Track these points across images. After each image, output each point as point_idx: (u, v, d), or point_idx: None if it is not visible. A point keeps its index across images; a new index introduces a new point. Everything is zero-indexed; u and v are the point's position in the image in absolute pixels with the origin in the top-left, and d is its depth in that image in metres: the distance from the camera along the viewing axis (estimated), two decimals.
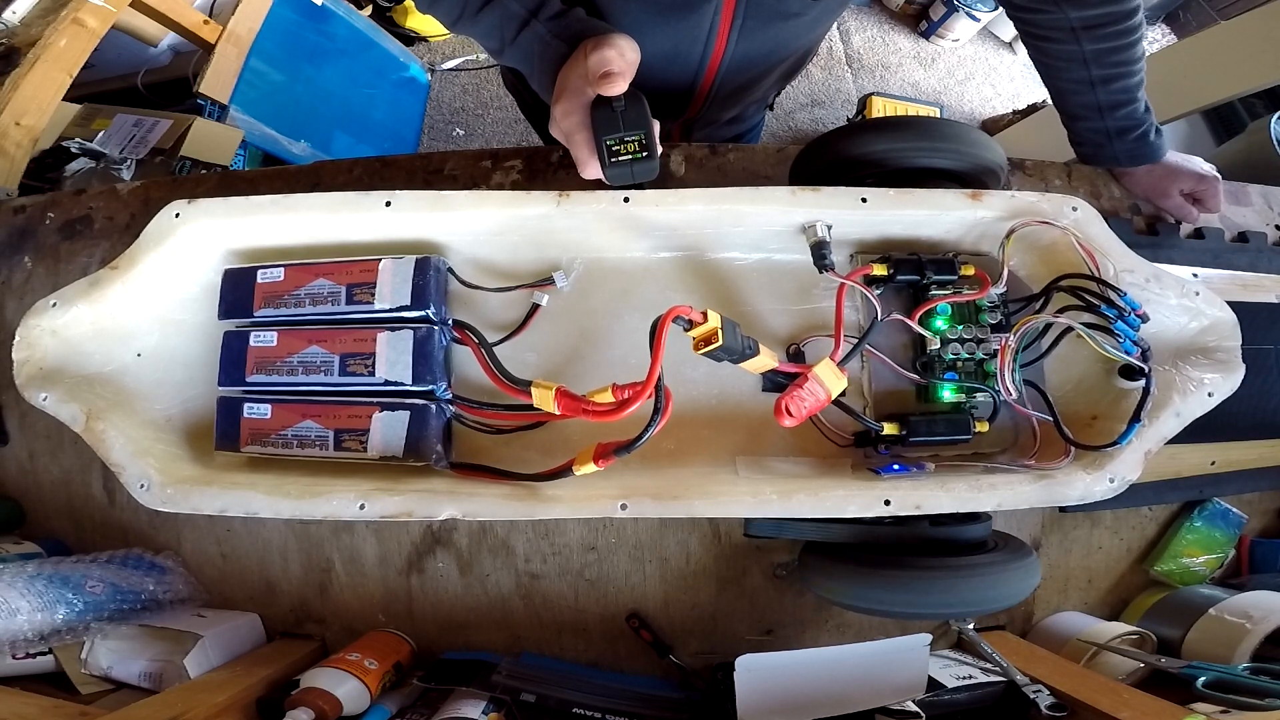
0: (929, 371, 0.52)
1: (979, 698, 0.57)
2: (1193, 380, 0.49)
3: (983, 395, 0.52)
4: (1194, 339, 0.51)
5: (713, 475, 0.52)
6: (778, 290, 0.57)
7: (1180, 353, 0.51)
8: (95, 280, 0.51)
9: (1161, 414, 0.48)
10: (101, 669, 0.58)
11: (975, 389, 0.51)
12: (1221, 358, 0.50)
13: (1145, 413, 0.46)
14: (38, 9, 1.01)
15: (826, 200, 0.50)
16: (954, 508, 0.46)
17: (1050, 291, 0.51)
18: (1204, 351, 0.50)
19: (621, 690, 0.60)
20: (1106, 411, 0.52)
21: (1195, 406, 0.48)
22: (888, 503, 0.45)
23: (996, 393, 0.51)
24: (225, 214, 0.52)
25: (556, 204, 0.50)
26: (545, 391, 0.45)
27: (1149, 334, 0.49)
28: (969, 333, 0.52)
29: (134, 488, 0.48)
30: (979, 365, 0.52)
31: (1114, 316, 0.48)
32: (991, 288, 0.51)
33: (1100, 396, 0.53)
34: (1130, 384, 0.51)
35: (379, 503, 0.47)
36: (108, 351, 0.53)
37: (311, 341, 0.52)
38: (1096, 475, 0.47)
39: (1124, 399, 0.51)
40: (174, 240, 0.52)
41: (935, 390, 0.52)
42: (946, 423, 0.50)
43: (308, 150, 1.48)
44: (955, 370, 0.52)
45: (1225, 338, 0.50)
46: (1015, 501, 0.46)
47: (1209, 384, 0.48)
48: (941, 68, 2.12)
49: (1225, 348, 0.50)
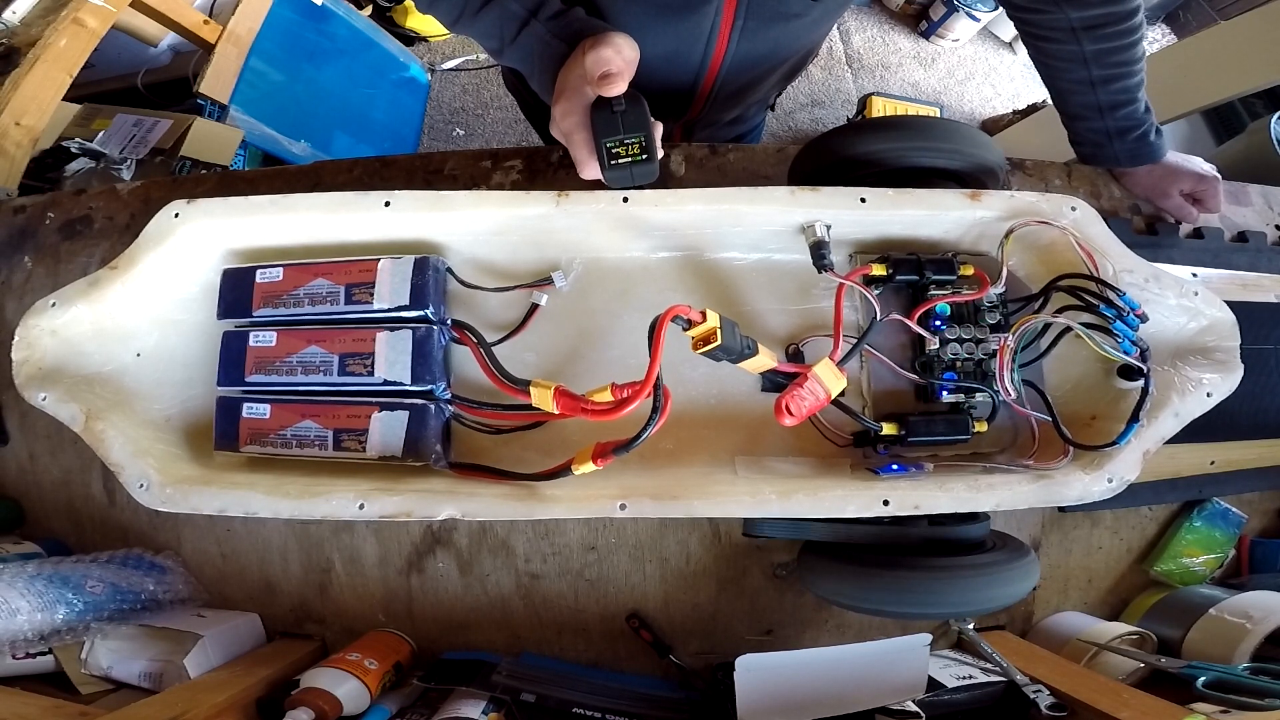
0: (928, 371, 0.52)
1: (979, 698, 0.57)
2: (1191, 380, 0.49)
3: (982, 395, 0.52)
4: (1193, 339, 0.51)
5: (712, 475, 0.52)
6: (777, 290, 0.57)
7: (1179, 352, 0.51)
8: (95, 280, 0.51)
9: (1160, 414, 0.48)
10: (101, 669, 0.58)
11: (974, 389, 0.51)
12: (1220, 358, 0.50)
13: (1144, 413, 0.46)
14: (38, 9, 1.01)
15: (826, 200, 0.50)
16: (952, 508, 0.46)
17: (1049, 291, 0.51)
18: (1203, 351, 0.50)
19: (621, 690, 0.60)
20: (1105, 411, 0.52)
21: (1194, 407, 0.48)
22: (886, 503, 0.45)
23: (996, 393, 0.51)
24: (225, 214, 0.52)
25: (556, 204, 0.50)
26: (544, 391, 0.45)
27: (1148, 334, 0.49)
28: (968, 333, 0.52)
29: (133, 487, 0.48)
30: (978, 365, 0.52)
31: (1112, 316, 0.47)
32: (990, 288, 0.51)
33: (1099, 396, 0.53)
34: (1129, 384, 0.51)
35: (378, 503, 0.47)
36: (107, 351, 0.53)
37: (310, 341, 0.52)
38: (1095, 475, 0.47)
39: (1123, 399, 0.51)
40: (173, 240, 0.52)
41: (934, 390, 0.52)
42: (945, 423, 0.50)
43: (308, 150, 1.48)
44: (954, 370, 0.52)
45: (1224, 338, 0.50)
46: (1014, 501, 0.46)
47: (1207, 384, 0.48)
48: (941, 68, 2.12)
49: (1224, 348, 0.50)
